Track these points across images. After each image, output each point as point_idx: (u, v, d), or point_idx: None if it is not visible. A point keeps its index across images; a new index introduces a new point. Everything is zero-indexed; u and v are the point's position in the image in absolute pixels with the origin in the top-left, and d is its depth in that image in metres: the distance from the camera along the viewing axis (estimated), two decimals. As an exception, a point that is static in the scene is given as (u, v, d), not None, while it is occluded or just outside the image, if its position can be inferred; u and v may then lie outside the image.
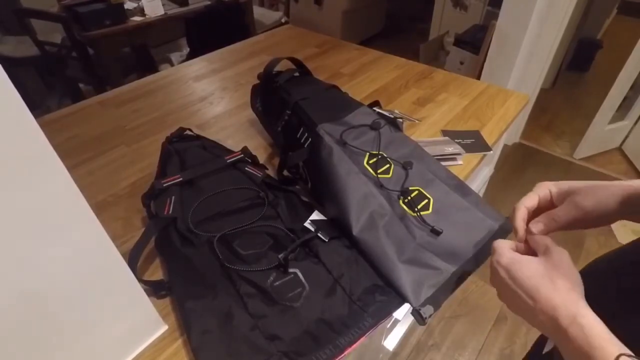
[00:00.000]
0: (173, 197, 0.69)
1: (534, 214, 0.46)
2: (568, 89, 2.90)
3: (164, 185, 0.70)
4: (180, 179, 0.72)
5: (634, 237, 0.48)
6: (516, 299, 0.38)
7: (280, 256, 0.58)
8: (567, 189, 0.45)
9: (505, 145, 2.27)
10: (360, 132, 0.76)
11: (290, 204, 0.72)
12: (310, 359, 0.50)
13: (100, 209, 0.78)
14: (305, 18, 3.37)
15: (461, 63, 2.54)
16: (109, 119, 1.06)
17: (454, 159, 0.87)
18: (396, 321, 0.61)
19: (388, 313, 0.56)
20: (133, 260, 0.59)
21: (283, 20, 2.98)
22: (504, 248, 0.43)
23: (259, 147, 0.95)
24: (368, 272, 0.61)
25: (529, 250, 0.44)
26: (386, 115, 0.84)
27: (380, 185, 0.69)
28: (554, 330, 0.35)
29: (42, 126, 0.33)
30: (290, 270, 0.59)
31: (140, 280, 0.56)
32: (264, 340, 0.52)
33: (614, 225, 1.78)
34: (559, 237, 0.41)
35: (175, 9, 2.22)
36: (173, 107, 1.12)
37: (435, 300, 0.57)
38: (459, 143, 0.91)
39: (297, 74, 0.93)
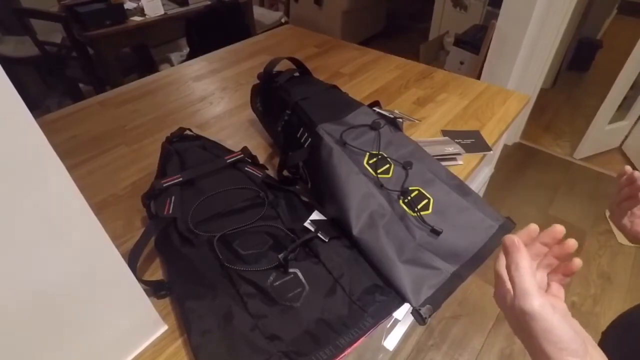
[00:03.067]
0: (173, 197, 0.69)
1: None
2: (568, 89, 2.90)
3: (164, 185, 0.70)
4: (181, 179, 0.72)
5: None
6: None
7: (280, 256, 0.58)
8: None
9: (505, 145, 2.26)
10: (360, 132, 0.76)
11: (290, 204, 0.72)
12: (310, 359, 0.50)
13: (100, 209, 0.78)
14: (305, 18, 3.37)
15: (461, 63, 2.54)
16: (109, 119, 1.06)
17: (454, 159, 0.87)
18: (396, 321, 0.61)
19: (388, 313, 0.56)
20: (133, 260, 0.59)
21: (283, 20, 2.98)
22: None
23: (259, 147, 0.95)
24: (368, 272, 0.61)
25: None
26: (386, 115, 0.84)
27: (380, 185, 0.69)
28: None
29: (42, 126, 0.33)
30: (290, 270, 0.59)
31: (140, 280, 0.56)
32: (264, 340, 0.52)
33: (613, 226, 1.77)
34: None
35: (175, 9, 2.21)
36: (173, 107, 1.12)
37: (435, 300, 0.57)
38: (459, 143, 0.91)
39: (297, 74, 0.93)
